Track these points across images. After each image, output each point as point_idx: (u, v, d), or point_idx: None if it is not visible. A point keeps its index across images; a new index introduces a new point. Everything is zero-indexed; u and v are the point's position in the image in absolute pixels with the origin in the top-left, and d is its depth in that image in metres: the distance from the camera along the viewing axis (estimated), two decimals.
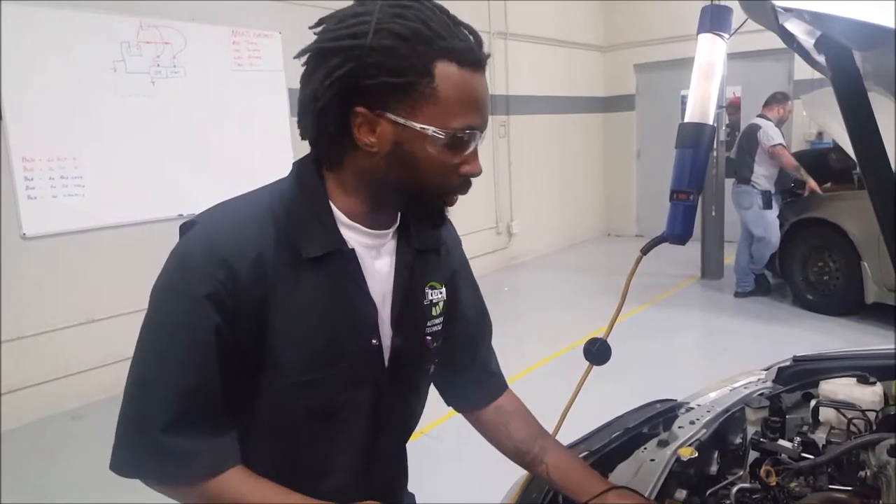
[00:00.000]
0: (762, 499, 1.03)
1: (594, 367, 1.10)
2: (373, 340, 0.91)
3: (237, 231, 0.84)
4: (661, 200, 1.46)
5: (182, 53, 4.25)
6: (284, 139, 4.78)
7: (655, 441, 1.19)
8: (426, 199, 0.87)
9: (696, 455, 1.09)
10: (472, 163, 0.86)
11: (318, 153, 0.88)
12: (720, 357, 4.25)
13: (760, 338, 4.59)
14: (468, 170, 0.86)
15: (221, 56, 4.48)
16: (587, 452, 1.21)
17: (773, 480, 1.01)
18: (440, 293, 1.01)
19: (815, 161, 5.32)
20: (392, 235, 0.94)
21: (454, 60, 0.80)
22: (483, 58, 0.83)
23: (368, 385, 0.93)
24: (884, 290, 4.44)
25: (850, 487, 1.01)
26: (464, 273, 1.09)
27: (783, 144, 5.13)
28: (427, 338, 0.99)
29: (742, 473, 1.18)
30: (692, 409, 1.33)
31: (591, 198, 8.68)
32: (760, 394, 1.33)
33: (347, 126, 0.82)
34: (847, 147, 1.12)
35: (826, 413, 1.18)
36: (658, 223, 1.31)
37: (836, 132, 3.92)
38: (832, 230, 4.74)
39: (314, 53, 0.82)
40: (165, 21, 4.15)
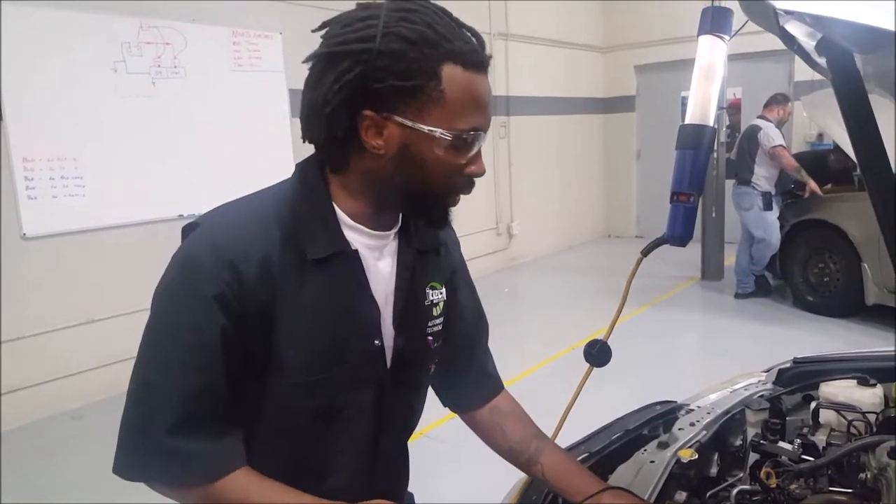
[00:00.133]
0: (762, 501, 1.03)
1: (594, 369, 1.10)
2: (375, 341, 0.92)
3: (242, 233, 0.84)
4: (662, 202, 1.46)
5: (182, 54, 4.25)
6: (285, 140, 4.78)
7: (655, 443, 1.18)
8: (431, 200, 0.88)
9: (696, 457, 1.09)
10: (477, 163, 0.87)
11: (325, 156, 0.89)
12: (720, 358, 4.25)
13: (761, 339, 4.59)
14: (473, 170, 0.87)
15: (222, 57, 4.48)
16: (587, 454, 1.21)
17: (774, 482, 1.02)
18: (440, 293, 1.02)
19: (816, 162, 5.32)
20: (393, 236, 0.95)
21: (459, 63, 0.81)
22: (486, 59, 0.84)
23: (371, 385, 0.93)
24: (884, 292, 4.44)
25: (851, 489, 1.01)
26: (462, 273, 1.10)
27: (784, 146, 5.13)
28: (428, 338, 1.00)
29: (742, 475, 1.18)
30: (692, 411, 1.33)
31: (592, 199, 8.69)
32: (760, 395, 1.33)
33: (355, 129, 0.83)
34: (847, 148, 1.12)
35: (826, 415, 1.18)
36: (658, 224, 1.31)
37: (837, 133, 3.92)
38: (832, 231, 4.74)
39: (323, 57, 0.83)
40: (166, 22, 4.16)
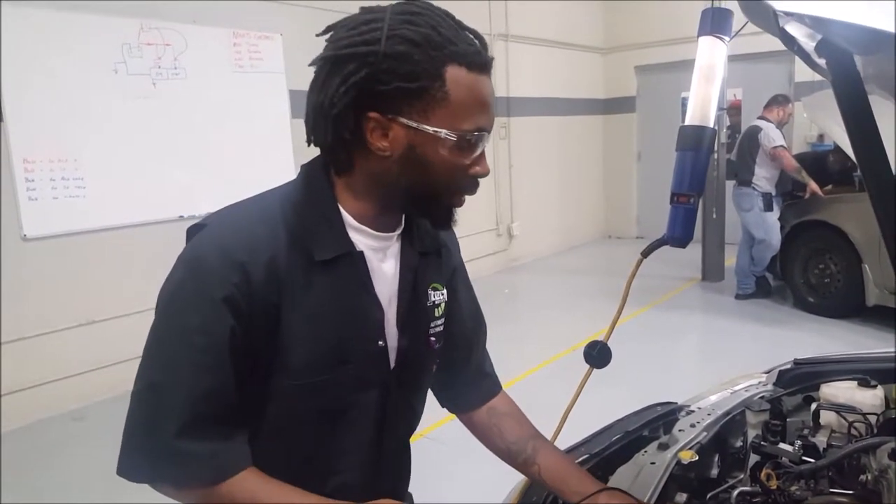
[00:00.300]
0: (763, 502, 1.03)
1: (595, 370, 1.10)
2: (379, 342, 0.93)
3: (249, 234, 0.84)
4: (662, 203, 1.46)
5: (183, 55, 4.26)
6: (285, 141, 4.78)
7: (656, 444, 1.18)
8: (436, 201, 0.89)
9: (697, 458, 1.09)
10: (481, 163, 0.88)
11: (330, 158, 0.89)
12: (721, 360, 4.24)
13: (761, 340, 4.58)
14: (477, 171, 0.88)
15: (222, 58, 4.48)
16: (587, 455, 1.21)
17: (774, 484, 1.02)
18: (442, 294, 1.02)
19: (816, 163, 5.32)
20: (396, 238, 0.95)
21: (463, 64, 0.82)
22: (489, 61, 0.85)
23: (375, 386, 0.94)
24: (885, 293, 4.44)
25: (851, 491, 1.00)
26: (461, 274, 1.10)
27: (785, 146, 5.13)
28: (431, 339, 1.01)
29: (742, 477, 1.17)
30: (693, 412, 1.33)
31: (592, 200, 8.68)
32: (761, 397, 1.33)
33: (360, 131, 0.83)
34: (847, 149, 1.12)
35: (827, 416, 1.18)
36: (658, 225, 1.31)
37: (837, 134, 3.93)
38: (833, 232, 4.73)
39: (328, 60, 0.83)
40: (166, 23, 4.16)
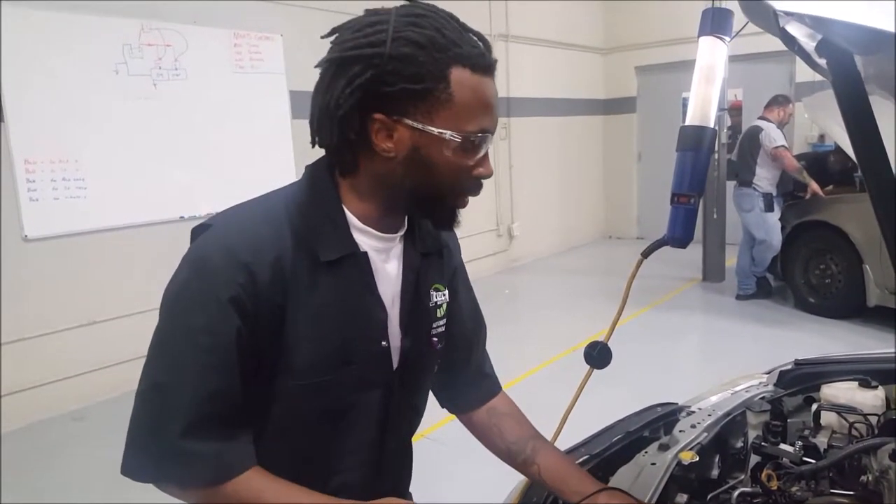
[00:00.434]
0: (763, 503, 1.03)
1: (595, 371, 1.10)
2: (382, 342, 0.93)
3: (255, 235, 0.84)
4: (662, 203, 1.46)
5: (184, 56, 4.26)
6: (286, 141, 4.79)
7: (656, 445, 1.18)
8: (440, 202, 0.89)
9: (697, 459, 1.09)
10: (485, 165, 0.88)
11: (335, 159, 0.89)
12: (721, 360, 4.24)
13: (762, 341, 4.58)
14: (481, 172, 0.88)
15: (223, 58, 4.49)
16: (588, 456, 1.21)
17: (775, 484, 1.01)
18: (443, 295, 1.03)
19: (817, 163, 5.31)
20: (399, 239, 0.96)
21: (468, 66, 0.82)
22: (493, 63, 0.86)
23: (378, 386, 0.94)
24: (885, 293, 4.43)
25: (852, 492, 1.00)
26: (461, 275, 1.11)
27: (786, 146, 5.13)
28: (433, 339, 1.01)
29: (743, 477, 1.17)
30: (693, 413, 1.33)
31: (592, 200, 8.68)
32: (762, 397, 1.33)
33: (365, 132, 0.84)
34: (848, 149, 1.12)
35: (828, 417, 1.18)
36: (659, 226, 1.31)
37: (838, 135, 3.92)
38: (834, 233, 4.73)
39: (334, 62, 0.84)
40: (167, 23, 4.16)
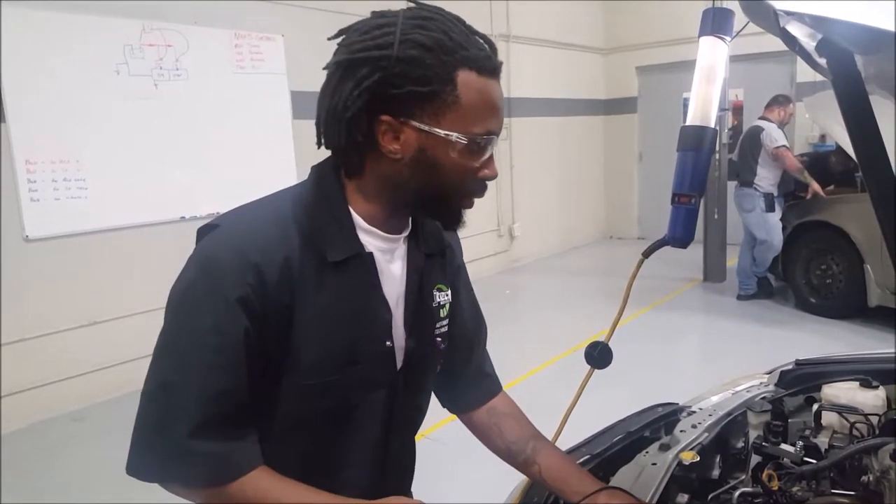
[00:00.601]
0: (764, 503, 1.03)
1: (596, 371, 1.10)
2: (387, 342, 0.93)
3: (263, 235, 0.85)
4: (663, 203, 1.46)
5: (185, 56, 4.26)
6: (286, 142, 4.79)
7: (657, 445, 1.18)
8: (445, 203, 0.90)
9: (698, 459, 1.09)
10: (490, 167, 0.89)
11: (342, 160, 0.90)
12: (722, 360, 4.24)
13: (763, 341, 4.58)
14: (486, 173, 0.89)
15: (224, 59, 4.49)
16: (589, 456, 1.21)
17: (776, 485, 1.01)
18: (446, 295, 1.03)
19: (818, 163, 5.31)
20: (403, 240, 0.96)
21: (474, 69, 0.83)
22: (499, 65, 0.86)
23: (382, 386, 0.95)
24: (886, 294, 4.43)
25: (853, 492, 1.00)
26: (463, 275, 1.11)
27: (787, 146, 5.12)
28: (437, 339, 1.02)
29: (744, 478, 1.17)
30: (694, 413, 1.33)
31: (593, 200, 8.68)
32: (762, 397, 1.33)
33: (372, 134, 0.84)
34: (849, 149, 1.12)
35: (828, 417, 1.18)
36: (660, 226, 1.31)
37: (839, 134, 3.92)
38: (835, 233, 4.73)
39: (342, 64, 0.84)
40: (168, 24, 4.16)
